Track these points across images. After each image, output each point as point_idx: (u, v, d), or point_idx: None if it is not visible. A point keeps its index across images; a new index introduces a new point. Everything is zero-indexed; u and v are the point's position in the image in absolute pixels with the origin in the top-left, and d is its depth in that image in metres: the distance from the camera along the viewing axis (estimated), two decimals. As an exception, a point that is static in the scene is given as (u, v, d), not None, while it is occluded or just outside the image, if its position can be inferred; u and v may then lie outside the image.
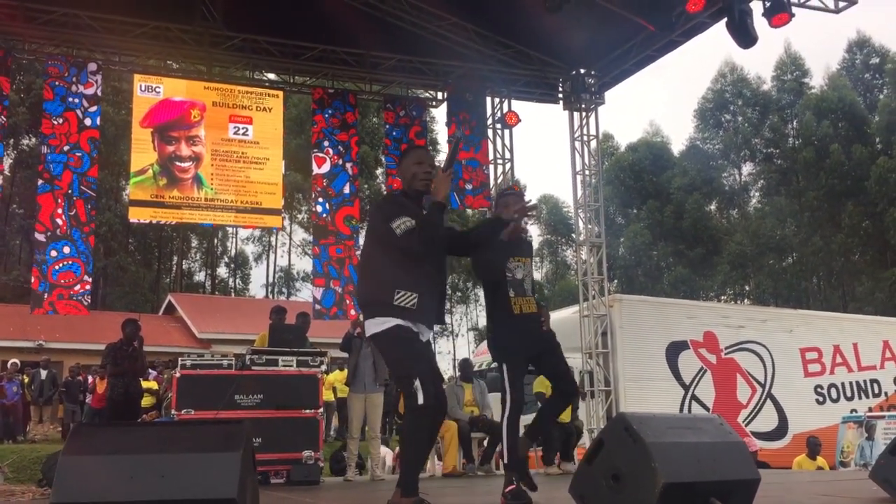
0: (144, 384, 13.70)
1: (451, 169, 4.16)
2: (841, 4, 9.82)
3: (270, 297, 40.98)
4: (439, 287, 4.18)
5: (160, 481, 2.74)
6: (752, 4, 9.43)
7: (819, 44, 67.17)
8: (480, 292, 43.67)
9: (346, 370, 12.23)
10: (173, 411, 7.26)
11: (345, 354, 8.99)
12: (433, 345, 4.61)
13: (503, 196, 5.18)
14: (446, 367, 39.61)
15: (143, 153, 10.27)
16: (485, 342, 20.10)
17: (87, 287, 9.86)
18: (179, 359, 7.66)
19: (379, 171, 37.35)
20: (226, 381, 7.39)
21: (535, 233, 52.40)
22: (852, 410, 14.00)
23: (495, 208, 5.31)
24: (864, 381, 14.99)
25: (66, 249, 9.65)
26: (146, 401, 13.80)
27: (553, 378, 4.97)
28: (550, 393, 5.07)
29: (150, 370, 14.53)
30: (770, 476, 6.94)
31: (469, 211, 35.08)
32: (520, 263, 4.89)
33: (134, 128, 10.39)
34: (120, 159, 29.70)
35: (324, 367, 8.19)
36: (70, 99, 9.97)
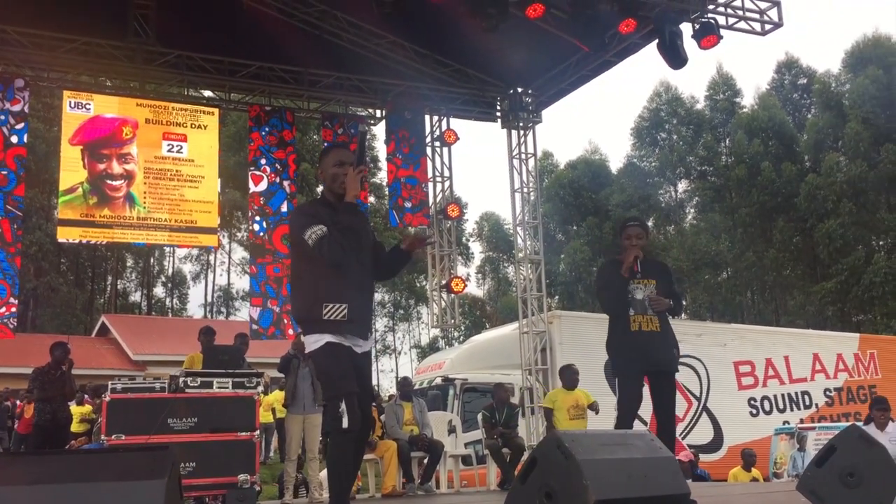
0: (80, 410, 13.30)
1: (361, 165, 4.04)
2: (767, 27, 10.15)
3: (209, 316, 40.29)
4: (368, 293, 4.14)
5: (81, 512, 2.65)
6: (682, 27, 9.69)
7: (750, 65, 69.30)
8: (423, 310, 43.78)
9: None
10: (103, 437, 7.05)
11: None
12: (373, 353, 4.52)
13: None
14: (388, 386, 39.44)
15: (72, 171, 10.01)
16: (426, 360, 20.09)
17: (13, 309, 9.53)
18: (109, 383, 7.45)
19: (320, 188, 37.08)
20: (158, 405, 7.21)
21: (476, 250, 52.66)
22: (785, 422, 14.33)
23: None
24: (796, 394, 15.38)
25: (-9, 271, 9.34)
26: (81, 427, 13.39)
27: (654, 404, 5.34)
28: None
29: (84, 394, 14.09)
30: (704, 489, 7.05)
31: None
32: (640, 285, 5.30)
33: (63, 145, 10.11)
34: (51, 177, 28.87)
35: (260, 389, 8.06)
36: (-5, 116, 9.68)
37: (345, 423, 3.77)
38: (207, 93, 12.17)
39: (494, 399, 10.25)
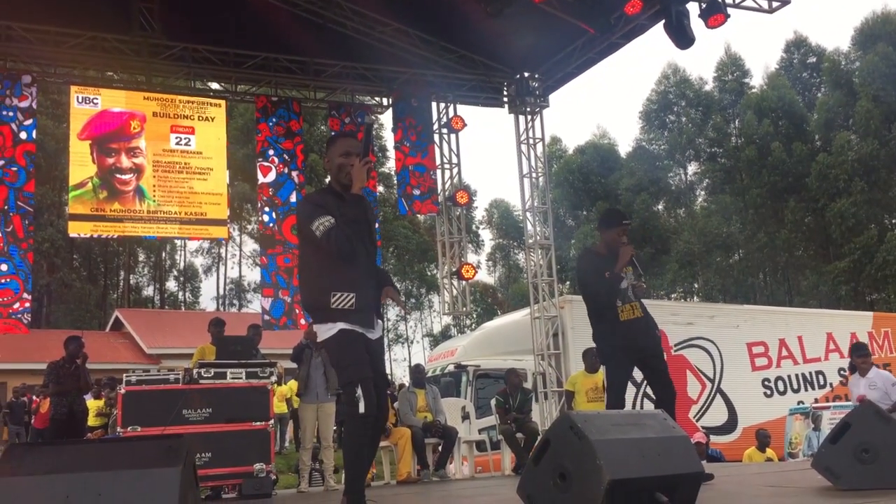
0: (96, 404, 13.40)
1: (367, 157, 4.05)
2: (774, 4, 10.05)
3: (221, 309, 40.45)
4: (375, 282, 4.14)
5: (97, 500, 2.67)
6: (688, 6, 9.61)
7: (758, 44, 68.81)
8: (434, 298, 43.85)
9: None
10: (119, 429, 7.10)
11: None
12: (385, 342, 4.58)
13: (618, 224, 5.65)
14: (402, 374, 39.55)
15: (81, 166, 10.04)
16: (438, 347, 20.11)
17: (27, 305, 9.59)
18: (124, 375, 7.50)
19: (329, 179, 37.09)
20: (173, 396, 7.26)
21: (486, 238, 52.62)
22: (799, 402, 14.27)
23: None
24: (810, 373, 15.31)
25: (4, 267, 9.37)
26: (98, 421, 13.49)
27: (652, 385, 5.55)
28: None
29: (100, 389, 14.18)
30: (719, 469, 7.05)
31: (420, 217, 35.10)
32: (622, 275, 5.47)
33: (72, 140, 10.15)
34: (62, 174, 29.01)
35: (273, 378, 8.10)
36: (4, 112, 9.70)
37: (361, 409, 3.78)
38: (214, 85, 12.18)
39: (507, 384, 10.26)
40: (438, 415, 9.71)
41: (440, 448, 9.46)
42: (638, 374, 14.01)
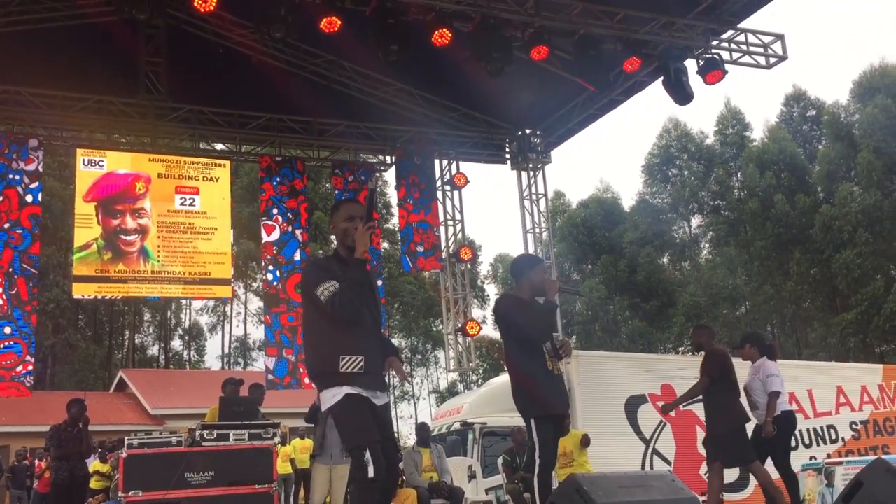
0: (102, 467, 13.25)
1: (370, 222, 4.06)
2: (772, 60, 10.19)
3: (227, 368, 40.24)
4: (380, 346, 4.12)
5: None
6: (686, 63, 9.74)
7: (758, 98, 69.59)
8: (440, 354, 43.62)
9: (306, 439, 11.95)
10: (120, 494, 6.98)
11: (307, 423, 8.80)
12: (391, 400, 4.47)
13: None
14: (408, 432, 39.11)
15: (86, 228, 10.11)
16: (444, 405, 19.88)
17: (30, 368, 9.56)
18: (126, 438, 7.41)
19: (333, 237, 37.24)
20: (175, 460, 7.15)
21: (491, 292, 52.48)
22: (811, 458, 13.98)
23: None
24: (821, 428, 15.03)
25: (7, 329, 9.37)
26: (99, 484, 13.33)
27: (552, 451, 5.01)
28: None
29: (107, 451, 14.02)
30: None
31: (426, 273, 35.16)
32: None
33: (77, 202, 10.25)
34: (68, 234, 29.03)
35: (277, 439, 7.99)
36: (10, 176, 9.81)
37: (370, 473, 3.73)
38: (219, 145, 12.32)
39: (514, 442, 10.10)
40: (444, 474, 9.53)
41: (447, 509, 9.27)
42: (648, 428, 13.66)
